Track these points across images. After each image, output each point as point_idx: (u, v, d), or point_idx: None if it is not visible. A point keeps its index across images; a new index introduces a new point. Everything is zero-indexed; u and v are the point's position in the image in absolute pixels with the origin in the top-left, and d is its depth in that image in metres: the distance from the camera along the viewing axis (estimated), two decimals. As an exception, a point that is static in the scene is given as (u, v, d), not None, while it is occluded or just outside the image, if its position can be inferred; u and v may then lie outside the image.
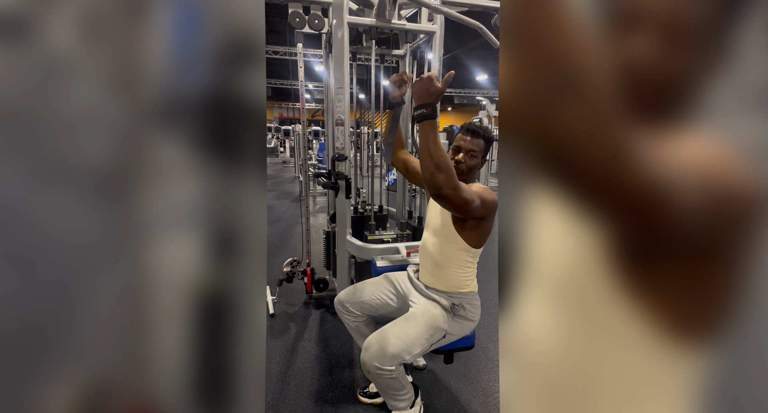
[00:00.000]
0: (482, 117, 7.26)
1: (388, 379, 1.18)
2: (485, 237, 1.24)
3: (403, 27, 1.88)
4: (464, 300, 1.28)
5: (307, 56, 9.09)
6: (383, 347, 1.15)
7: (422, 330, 1.19)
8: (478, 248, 1.25)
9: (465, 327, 1.29)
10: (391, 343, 1.15)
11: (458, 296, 1.27)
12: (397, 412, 1.32)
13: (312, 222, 4.29)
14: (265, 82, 0.48)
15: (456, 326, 1.26)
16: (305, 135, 2.39)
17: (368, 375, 1.19)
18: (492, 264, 2.87)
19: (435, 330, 1.21)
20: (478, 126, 1.24)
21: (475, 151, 1.21)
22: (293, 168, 9.38)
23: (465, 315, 1.28)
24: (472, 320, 1.30)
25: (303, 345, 1.93)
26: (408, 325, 1.21)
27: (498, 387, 1.62)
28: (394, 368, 1.16)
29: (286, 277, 2.34)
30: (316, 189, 6.57)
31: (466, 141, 1.22)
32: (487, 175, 7.46)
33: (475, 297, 1.31)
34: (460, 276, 1.27)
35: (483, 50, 9.38)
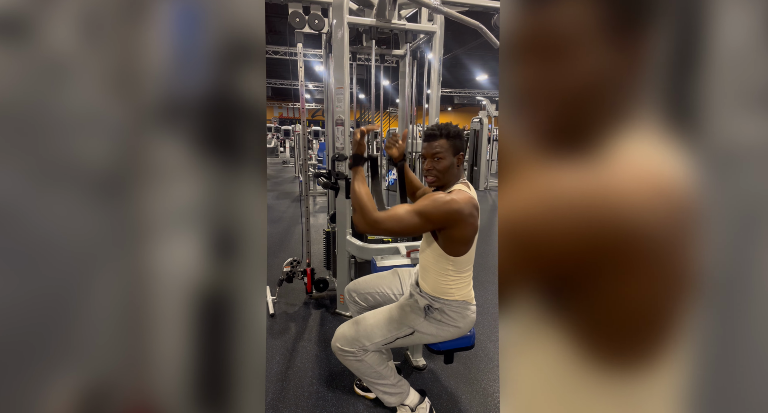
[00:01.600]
0: (482, 117, 7.26)
1: (353, 361, 1.27)
2: (463, 248, 1.18)
3: (403, 27, 1.88)
4: (447, 306, 1.24)
5: (307, 56, 9.09)
6: (344, 330, 1.28)
7: (385, 321, 1.26)
8: (456, 256, 1.19)
9: (444, 331, 1.26)
10: (351, 328, 1.27)
11: (440, 301, 1.24)
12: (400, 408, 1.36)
13: (312, 222, 4.29)
14: (265, 82, 0.48)
15: (430, 327, 1.24)
16: (305, 135, 2.39)
17: (337, 357, 1.30)
18: (492, 264, 2.87)
19: (400, 324, 1.25)
20: (434, 127, 1.22)
21: (439, 152, 1.19)
22: (293, 168, 9.38)
23: (442, 319, 1.24)
24: (454, 326, 1.26)
25: (303, 345, 1.93)
26: (374, 314, 1.29)
27: (498, 387, 1.62)
28: (354, 350, 1.25)
29: (286, 277, 2.34)
30: (316, 189, 6.57)
31: (426, 146, 1.22)
32: (487, 175, 7.46)
33: (462, 306, 1.25)
34: (442, 283, 1.23)
35: (483, 50, 9.37)
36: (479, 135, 7.29)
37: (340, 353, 1.28)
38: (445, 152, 1.19)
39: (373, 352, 1.28)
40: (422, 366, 1.76)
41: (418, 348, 1.79)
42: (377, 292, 1.51)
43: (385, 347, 1.28)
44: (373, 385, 1.34)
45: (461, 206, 1.10)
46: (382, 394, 1.35)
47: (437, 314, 1.24)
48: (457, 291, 1.24)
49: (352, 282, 1.59)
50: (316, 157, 8.46)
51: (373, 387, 1.35)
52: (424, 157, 1.23)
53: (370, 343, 1.25)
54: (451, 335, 1.28)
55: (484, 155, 7.30)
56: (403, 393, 1.36)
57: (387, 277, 1.54)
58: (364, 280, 1.56)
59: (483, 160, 7.28)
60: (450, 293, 1.23)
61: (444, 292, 1.24)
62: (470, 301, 1.27)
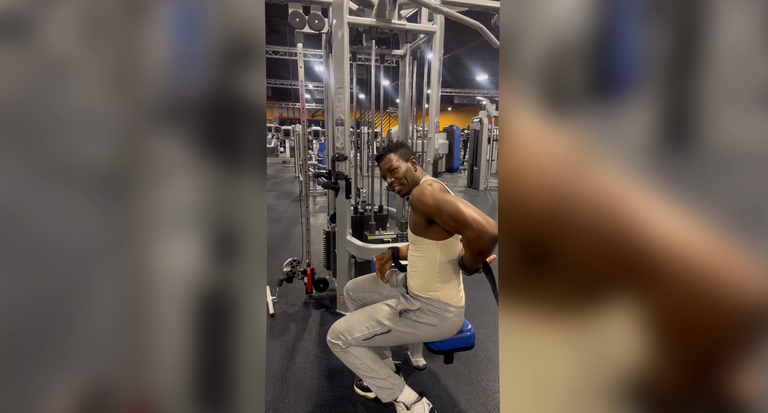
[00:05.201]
0: (482, 117, 7.26)
1: (341, 353, 1.35)
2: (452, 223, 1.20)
3: (403, 27, 1.88)
4: (427, 305, 1.26)
5: (307, 56, 9.09)
6: (336, 323, 1.38)
7: (364, 319, 1.35)
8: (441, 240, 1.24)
9: (422, 331, 1.28)
10: (340, 323, 1.37)
11: (421, 299, 1.28)
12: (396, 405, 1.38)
13: (312, 222, 4.29)
14: (265, 82, 0.48)
15: (406, 327, 1.29)
16: (305, 135, 2.39)
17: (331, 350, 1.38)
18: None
19: (376, 322, 1.32)
20: (379, 150, 1.40)
21: (391, 165, 1.33)
22: (293, 168, 9.38)
23: (417, 319, 1.27)
24: (430, 324, 1.27)
25: (303, 345, 1.93)
26: (362, 311, 1.39)
27: (498, 387, 1.62)
28: (339, 342, 1.33)
29: (286, 277, 2.34)
30: (316, 189, 6.57)
31: (380, 167, 1.36)
32: (487, 175, 7.46)
33: (442, 307, 1.27)
34: (428, 281, 1.27)
35: (483, 50, 9.38)
36: (479, 135, 7.29)
37: (330, 345, 1.38)
38: (397, 162, 1.33)
39: (356, 346, 1.34)
40: (422, 366, 1.76)
41: (418, 348, 1.79)
42: (376, 292, 1.53)
43: (366, 343, 1.33)
44: (366, 379, 1.38)
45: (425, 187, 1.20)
46: (375, 388, 1.39)
47: (412, 315, 1.29)
48: (443, 293, 1.26)
49: (351, 281, 1.62)
50: (316, 157, 8.47)
51: (366, 381, 1.39)
52: (384, 176, 1.37)
53: (351, 338, 1.33)
54: (430, 336, 1.31)
55: (484, 155, 7.30)
56: (394, 389, 1.37)
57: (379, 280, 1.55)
58: (363, 279, 1.59)
59: (483, 160, 7.28)
60: (434, 289, 1.27)
61: (428, 289, 1.27)
62: (452, 304, 1.27)
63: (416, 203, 1.20)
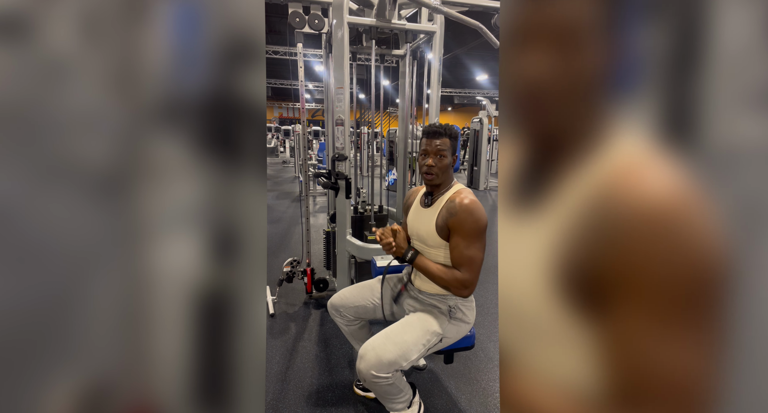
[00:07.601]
0: (482, 117, 7.26)
1: (385, 386, 1.16)
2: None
3: (403, 27, 1.88)
4: (458, 301, 1.27)
5: (307, 56, 9.09)
6: (379, 355, 1.12)
7: (419, 336, 1.18)
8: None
9: (461, 329, 1.29)
10: (388, 350, 1.13)
11: (453, 298, 1.26)
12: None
13: (312, 222, 4.29)
14: (265, 82, 0.48)
15: (452, 329, 1.26)
16: (305, 135, 2.39)
17: (365, 383, 1.17)
18: (492, 264, 2.87)
19: (432, 334, 1.20)
20: (438, 126, 1.21)
21: (443, 150, 1.19)
22: (293, 168, 9.38)
23: (461, 317, 1.27)
24: (467, 322, 1.29)
25: (303, 345, 1.93)
26: (404, 331, 1.19)
27: (498, 387, 1.62)
28: (390, 375, 1.13)
29: (286, 277, 2.34)
30: (316, 189, 6.57)
31: (429, 143, 1.21)
32: (487, 175, 7.46)
33: (468, 299, 1.29)
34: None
35: (483, 50, 9.37)
36: (479, 135, 7.29)
37: (374, 380, 1.13)
38: (448, 151, 1.21)
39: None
40: (422, 366, 1.76)
41: (418, 348, 1.79)
42: (368, 303, 1.42)
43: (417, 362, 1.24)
44: (389, 400, 1.23)
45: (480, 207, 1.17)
46: (393, 404, 1.26)
47: (458, 313, 1.26)
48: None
49: (334, 296, 1.46)
50: (316, 157, 8.47)
51: (386, 401, 1.24)
52: (426, 153, 1.21)
53: (406, 363, 1.15)
54: (465, 332, 1.30)
55: (484, 155, 7.30)
56: (409, 397, 1.31)
57: (372, 286, 1.46)
58: (349, 292, 1.46)
59: (483, 160, 7.28)
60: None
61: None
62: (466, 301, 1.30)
63: (465, 216, 1.13)
